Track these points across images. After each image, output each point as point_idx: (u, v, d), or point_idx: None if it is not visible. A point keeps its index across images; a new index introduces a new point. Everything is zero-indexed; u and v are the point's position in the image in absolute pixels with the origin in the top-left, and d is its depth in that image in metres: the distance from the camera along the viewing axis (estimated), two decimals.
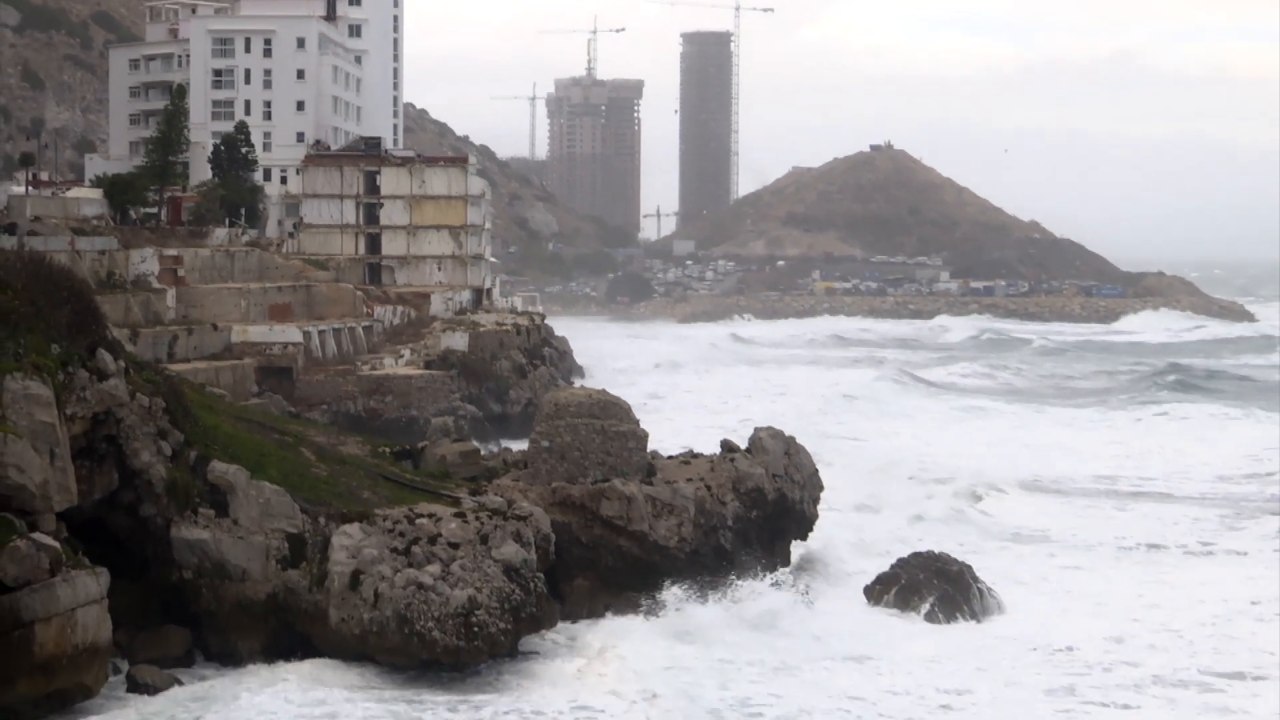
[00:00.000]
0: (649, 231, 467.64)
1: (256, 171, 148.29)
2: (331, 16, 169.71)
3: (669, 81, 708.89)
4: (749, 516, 65.76)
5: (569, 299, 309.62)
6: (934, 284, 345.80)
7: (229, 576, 54.23)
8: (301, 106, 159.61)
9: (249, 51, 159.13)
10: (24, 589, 46.47)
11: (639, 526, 61.71)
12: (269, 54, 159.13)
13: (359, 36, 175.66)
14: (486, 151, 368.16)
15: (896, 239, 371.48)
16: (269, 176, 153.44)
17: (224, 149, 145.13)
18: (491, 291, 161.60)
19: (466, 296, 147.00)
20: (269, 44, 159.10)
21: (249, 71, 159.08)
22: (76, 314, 55.03)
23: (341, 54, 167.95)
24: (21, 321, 52.00)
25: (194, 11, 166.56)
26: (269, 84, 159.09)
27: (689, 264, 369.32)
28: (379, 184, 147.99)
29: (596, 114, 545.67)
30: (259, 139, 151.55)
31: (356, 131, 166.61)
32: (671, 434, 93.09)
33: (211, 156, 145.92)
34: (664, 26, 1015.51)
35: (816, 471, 70.51)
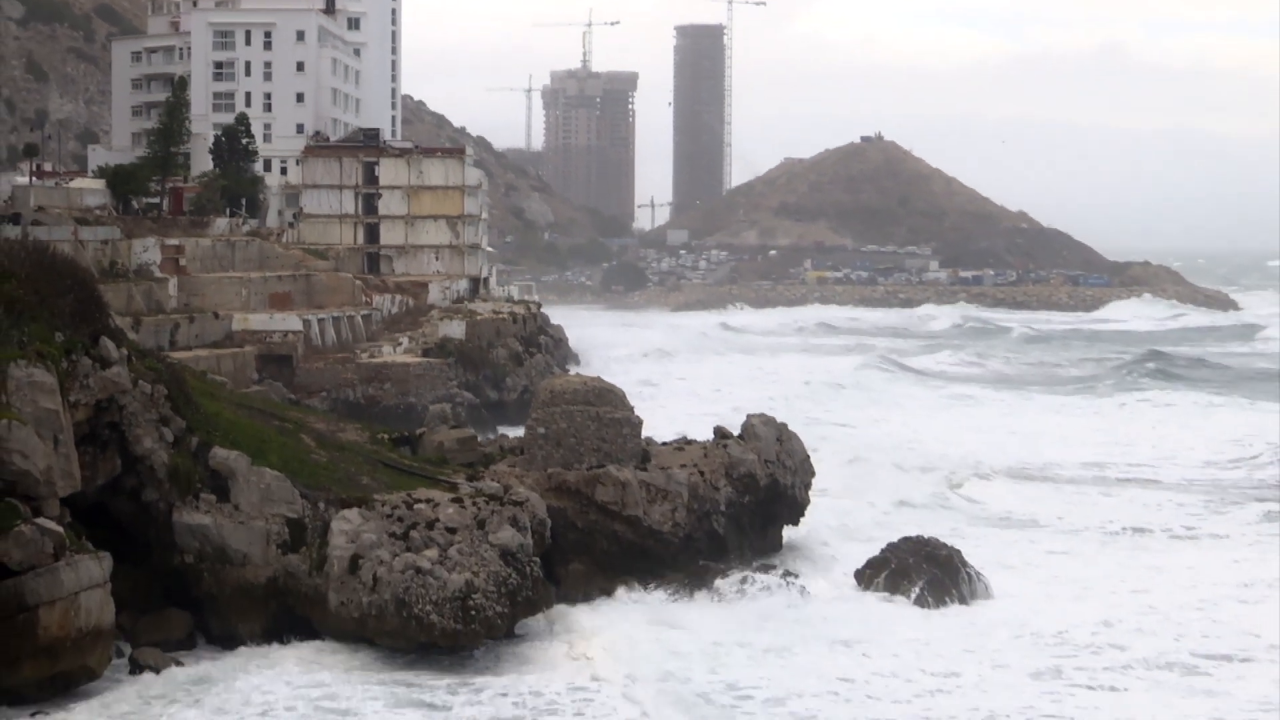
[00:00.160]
0: (643, 221, 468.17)
1: (257, 162, 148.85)
2: (330, 10, 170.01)
3: (663, 74, 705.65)
4: (742, 502, 66.54)
5: (564, 288, 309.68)
6: (923, 273, 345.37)
7: (230, 561, 54.83)
8: (301, 98, 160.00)
9: (249, 44, 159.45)
10: (28, 573, 47.18)
11: (633, 511, 62.31)
12: (269, 47, 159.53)
13: (358, 29, 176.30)
14: (483, 143, 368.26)
15: (886, 229, 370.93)
16: (269, 167, 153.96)
17: (225, 140, 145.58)
18: (488, 281, 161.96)
19: (464, 285, 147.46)
20: (269, 37, 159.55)
21: (249, 64, 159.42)
22: (80, 302, 55.64)
23: (340, 47, 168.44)
24: (26, 310, 52.68)
25: (195, 5, 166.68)
26: (269, 76, 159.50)
27: (682, 253, 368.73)
28: (377, 175, 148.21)
29: (591, 106, 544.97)
30: (259, 130, 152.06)
31: (355, 123, 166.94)
32: (665, 421, 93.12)
33: (212, 148, 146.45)
34: (658, 19, 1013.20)
35: (808, 457, 71.23)
